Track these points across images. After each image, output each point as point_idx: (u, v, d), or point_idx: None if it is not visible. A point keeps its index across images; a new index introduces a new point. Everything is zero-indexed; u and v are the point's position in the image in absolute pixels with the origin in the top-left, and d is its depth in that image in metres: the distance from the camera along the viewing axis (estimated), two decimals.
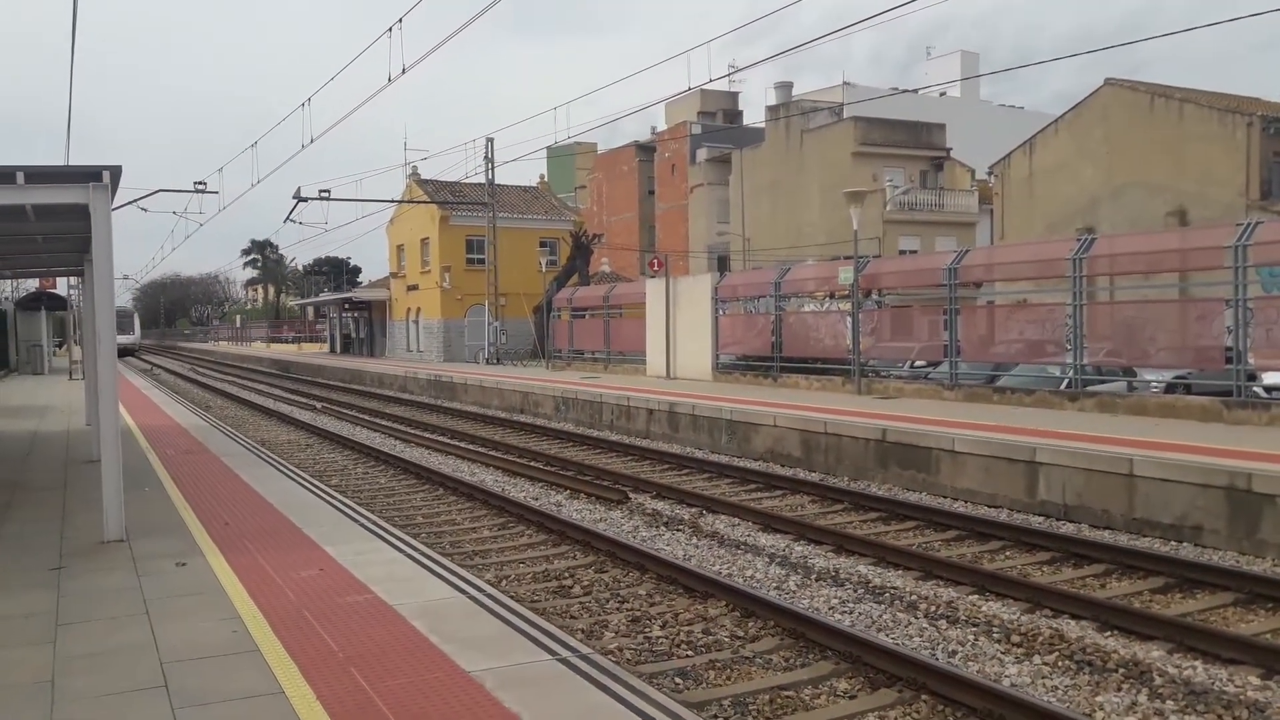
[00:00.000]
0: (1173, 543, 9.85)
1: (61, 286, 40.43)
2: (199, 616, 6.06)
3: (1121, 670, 6.39)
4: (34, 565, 7.43)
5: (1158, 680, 6.20)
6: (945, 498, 12.41)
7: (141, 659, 5.31)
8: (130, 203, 28.73)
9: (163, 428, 17.36)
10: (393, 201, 46.53)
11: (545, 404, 23.80)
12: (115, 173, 8.16)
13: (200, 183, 30.79)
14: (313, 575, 6.97)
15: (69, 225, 10.18)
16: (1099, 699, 5.99)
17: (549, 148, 52.77)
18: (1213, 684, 6.15)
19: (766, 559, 9.51)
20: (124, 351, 60.23)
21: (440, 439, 19.17)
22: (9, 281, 37.91)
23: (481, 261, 42.08)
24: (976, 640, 7.07)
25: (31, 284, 40.35)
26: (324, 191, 35.70)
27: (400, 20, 17.76)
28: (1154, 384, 16.12)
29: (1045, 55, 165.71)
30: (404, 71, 19.00)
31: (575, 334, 32.77)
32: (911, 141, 45.38)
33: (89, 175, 8.03)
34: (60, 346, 54.47)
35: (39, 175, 8.03)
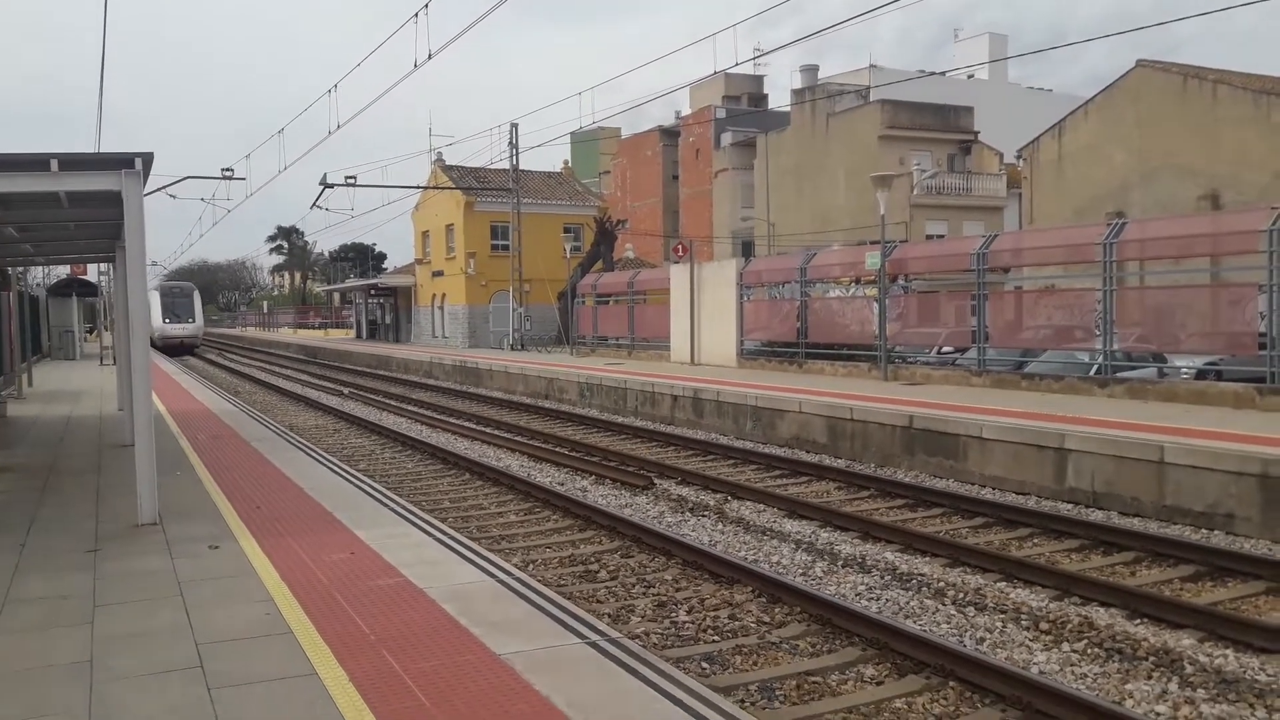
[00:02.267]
0: (1204, 530, 9.76)
1: (91, 273, 40.95)
2: (233, 599, 6.14)
3: (1152, 658, 6.35)
4: (71, 548, 7.55)
5: (1188, 669, 6.16)
6: (973, 485, 12.35)
7: (178, 640, 5.39)
8: (159, 189, 28.93)
9: (193, 413, 17.56)
10: (418, 187, 46.71)
11: (570, 390, 23.86)
12: (147, 159, 8.23)
13: (228, 169, 31.04)
14: (343, 558, 7.04)
15: (101, 212, 10.30)
16: (1129, 687, 5.96)
17: (573, 133, 52.78)
18: (1244, 673, 6.10)
19: (792, 545, 9.51)
20: (179, 348, 50.13)
21: (466, 424, 19.28)
22: (41, 268, 38.38)
23: (506, 247, 42.19)
24: (1005, 627, 7.05)
25: (62, 270, 40.86)
26: (350, 178, 35.92)
27: (426, 5, 17.78)
28: (1185, 370, 15.94)
29: (1076, 36, 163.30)
30: (430, 57, 19.05)
31: (599, 320, 32.81)
32: (939, 125, 44.94)
33: (121, 162, 8.11)
34: (91, 332, 55.09)
35: (72, 162, 8.10)
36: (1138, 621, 7.04)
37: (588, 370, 24.35)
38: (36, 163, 7.96)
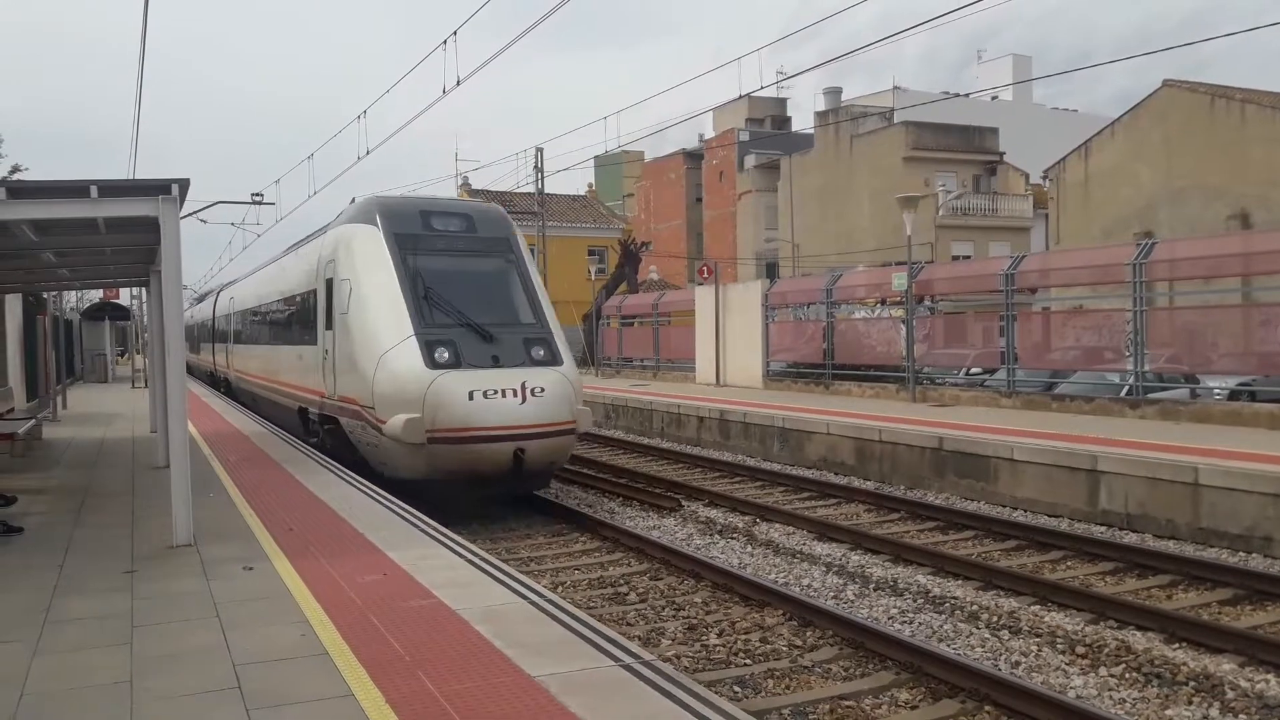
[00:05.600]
0: (1241, 553, 9.63)
1: (123, 296, 41.50)
2: (268, 620, 6.18)
3: (1192, 683, 6.27)
4: (108, 569, 7.63)
5: (1229, 694, 6.08)
6: (1004, 507, 12.25)
7: (215, 661, 5.43)
8: (191, 214, 29.38)
9: (224, 434, 17.71)
10: None
11: (595, 411, 23.87)
12: (183, 185, 8.37)
13: (258, 194, 31.42)
14: (376, 580, 7.07)
15: (136, 237, 10.48)
16: (1169, 713, 5.89)
17: (597, 157, 53.08)
18: None
19: (823, 568, 9.47)
20: (509, 478, 11.66)
21: None
22: (75, 292, 38.96)
23: None
24: (1040, 651, 6.98)
25: (94, 295, 41.45)
26: None
27: (455, 33, 18.02)
28: (1217, 391, 15.77)
29: (1102, 56, 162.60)
30: (458, 83, 19.29)
31: (624, 342, 32.87)
32: (964, 146, 44.87)
33: (158, 188, 8.24)
34: (122, 355, 55.74)
35: (111, 189, 8.25)
36: (1176, 645, 6.95)
37: (613, 391, 24.39)
38: (77, 190, 8.11)
